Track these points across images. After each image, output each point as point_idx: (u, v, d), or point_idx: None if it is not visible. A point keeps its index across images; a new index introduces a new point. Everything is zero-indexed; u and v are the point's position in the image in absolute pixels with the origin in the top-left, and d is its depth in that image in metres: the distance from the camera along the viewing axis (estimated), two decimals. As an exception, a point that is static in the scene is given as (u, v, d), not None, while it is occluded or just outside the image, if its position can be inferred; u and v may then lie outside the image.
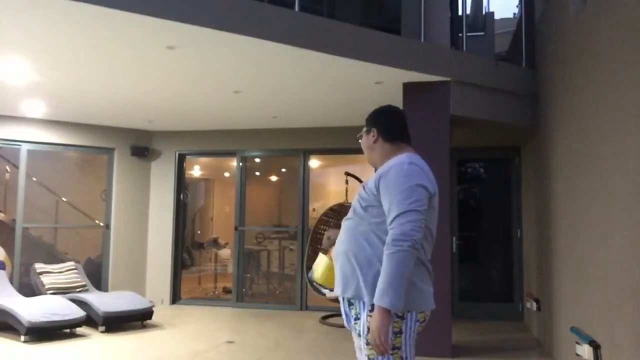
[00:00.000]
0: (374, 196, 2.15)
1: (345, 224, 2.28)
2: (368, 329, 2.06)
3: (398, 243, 1.99)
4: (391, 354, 2.05)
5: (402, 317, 2.07)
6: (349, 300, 2.18)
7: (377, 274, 2.05)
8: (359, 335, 2.14)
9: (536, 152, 5.94)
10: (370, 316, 2.06)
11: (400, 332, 2.07)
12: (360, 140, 2.45)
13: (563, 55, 4.67)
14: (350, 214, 2.28)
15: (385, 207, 2.10)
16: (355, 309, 2.15)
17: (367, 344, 2.08)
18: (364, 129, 2.42)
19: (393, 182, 2.10)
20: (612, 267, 3.26)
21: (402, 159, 2.19)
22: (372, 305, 2.04)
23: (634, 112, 2.91)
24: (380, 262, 2.05)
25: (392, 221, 2.04)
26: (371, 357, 2.07)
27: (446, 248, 5.18)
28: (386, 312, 1.97)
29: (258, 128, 7.82)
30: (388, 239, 2.03)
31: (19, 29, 3.96)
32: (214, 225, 11.53)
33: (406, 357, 2.09)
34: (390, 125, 2.37)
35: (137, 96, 6.00)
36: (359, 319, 2.14)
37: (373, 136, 2.35)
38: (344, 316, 2.25)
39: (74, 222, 8.39)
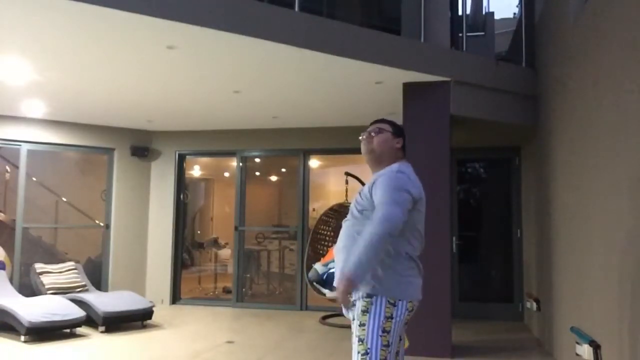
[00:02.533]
0: (368, 200, 2.43)
1: (344, 224, 2.57)
2: (362, 311, 2.34)
3: (382, 224, 2.24)
4: (380, 336, 2.30)
5: (393, 304, 2.33)
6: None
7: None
8: (353, 319, 2.39)
9: (536, 152, 5.94)
10: (366, 301, 2.34)
11: (391, 317, 2.32)
12: (380, 132, 2.60)
13: (563, 55, 4.67)
14: (348, 216, 2.56)
15: (376, 203, 2.37)
16: (352, 296, 2.39)
17: (360, 324, 2.33)
18: (390, 129, 2.62)
19: (383, 185, 2.39)
20: (612, 267, 3.26)
21: (393, 168, 2.48)
22: (367, 294, 2.34)
23: (634, 111, 2.92)
24: None
25: (378, 207, 2.31)
26: (361, 337, 2.32)
27: (446, 248, 5.17)
28: (351, 281, 2.25)
29: (258, 128, 7.82)
30: (374, 216, 2.28)
31: (19, 29, 3.96)
32: (214, 225, 11.54)
33: (391, 343, 2.32)
34: (404, 142, 2.67)
35: (137, 96, 6.01)
36: (354, 305, 2.39)
37: (398, 143, 2.61)
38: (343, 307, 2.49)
39: (74, 222, 8.39)
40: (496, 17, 11.21)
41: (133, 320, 6.28)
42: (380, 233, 2.23)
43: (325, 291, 6.64)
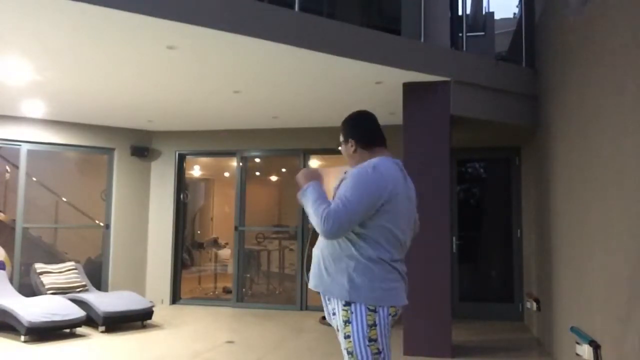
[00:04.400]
0: None
1: None
2: (344, 321, 2.22)
3: (327, 222, 2.14)
4: (368, 346, 2.19)
5: (374, 311, 2.21)
6: (325, 296, 2.35)
7: (345, 271, 2.23)
8: (337, 330, 2.29)
9: (536, 152, 5.94)
10: (345, 311, 2.22)
11: (375, 325, 2.20)
12: (340, 149, 2.56)
13: (563, 55, 4.67)
14: None
15: (340, 192, 2.25)
16: (332, 303, 2.31)
17: (345, 337, 2.23)
18: (341, 139, 2.52)
19: (352, 180, 2.26)
20: (612, 267, 3.26)
21: (368, 164, 2.32)
22: (346, 301, 2.22)
23: (635, 111, 2.91)
24: (349, 260, 2.23)
25: (339, 199, 2.20)
26: (349, 350, 2.22)
27: (446, 248, 5.17)
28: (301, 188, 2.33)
29: (258, 128, 7.82)
30: (333, 204, 2.19)
31: (20, 29, 3.96)
32: (214, 225, 11.53)
33: (382, 349, 2.22)
34: (364, 133, 2.47)
35: (137, 96, 6.00)
36: (335, 314, 2.29)
37: (352, 146, 2.46)
38: (325, 310, 2.43)
39: (74, 222, 8.39)
40: (496, 17, 11.20)
41: (133, 320, 6.28)
42: (319, 223, 2.16)
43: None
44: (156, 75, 5.19)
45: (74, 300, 6.04)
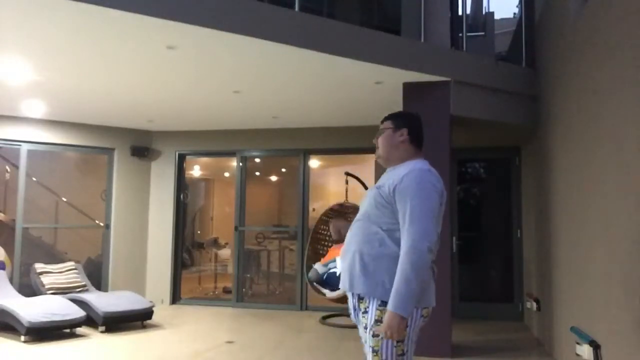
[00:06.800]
0: (389, 199, 2.28)
1: (356, 224, 2.40)
2: (376, 320, 2.20)
3: (418, 246, 2.14)
4: (394, 346, 2.18)
5: None
6: (358, 295, 2.31)
7: (387, 271, 2.21)
8: (365, 328, 2.26)
9: (536, 152, 5.94)
10: (380, 310, 2.20)
11: (406, 326, 2.18)
12: (381, 133, 2.49)
13: (563, 55, 4.67)
14: (360, 215, 2.39)
15: (402, 210, 2.22)
16: (365, 303, 2.27)
17: (373, 335, 2.21)
18: (389, 125, 2.47)
19: (413, 188, 2.23)
20: (612, 267, 3.26)
21: (421, 166, 2.33)
22: (382, 302, 2.20)
23: (635, 111, 2.92)
24: (391, 259, 2.21)
25: (409, 226, 2.18)
26: (375, 348, 2.20)
27: (446, 248, 5.17)
28: (403, 318, 2.12)
29: (258, 128, 7.82)
30: (407, 243, 2.16)
31: (19, 29, 3.96)
32: (214, 225, 11.54)
33: (407, 351, 2.22)
34: (419, 131, 2.49)
35: (137, 96, 6.01)
36: (367, 312, 2.26)
37: (401, 136, 2.43)
38: (351, 309, 2.39)
39: (74, 222, 8.39)
40: (496, 17, 11.22)
41: (133, 320, 6.28)
42: (421, 251, 2.14)
43: (325, 291, 6.61)
44: (156, 75, 5.19)
45: (74, 300, 6.04)
